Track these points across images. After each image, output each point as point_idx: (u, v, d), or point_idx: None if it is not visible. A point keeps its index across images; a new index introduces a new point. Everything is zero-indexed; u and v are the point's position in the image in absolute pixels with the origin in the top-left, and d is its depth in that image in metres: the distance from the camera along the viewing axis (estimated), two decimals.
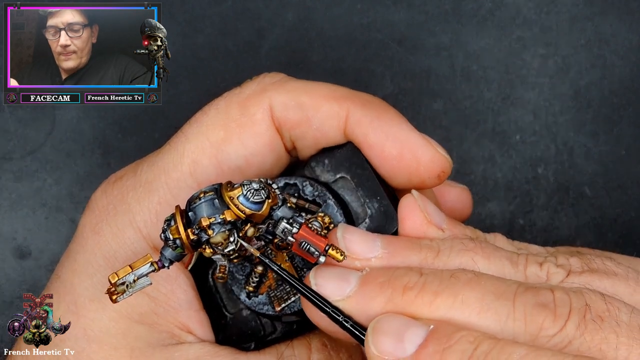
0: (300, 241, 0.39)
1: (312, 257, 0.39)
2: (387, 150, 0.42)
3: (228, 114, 0.43)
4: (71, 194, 0.60)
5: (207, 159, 0.42)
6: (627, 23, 0.61)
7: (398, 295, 0.36)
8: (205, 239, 0.38)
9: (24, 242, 0.60)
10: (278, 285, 0.42)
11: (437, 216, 0.41)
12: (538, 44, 0.61)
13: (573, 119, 0.61)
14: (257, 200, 0.38)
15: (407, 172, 0.42)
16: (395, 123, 0.42)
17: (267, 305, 0.42)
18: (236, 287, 0.43)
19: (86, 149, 0.61)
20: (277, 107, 0.43)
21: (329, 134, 0.43)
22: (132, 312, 0.42)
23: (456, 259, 0.39)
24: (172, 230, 0.38)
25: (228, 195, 0.38)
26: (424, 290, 0.36)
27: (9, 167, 0.60)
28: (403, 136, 0.42)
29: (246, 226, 0.39)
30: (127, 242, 0.42)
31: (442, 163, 0.43)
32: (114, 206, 0.43)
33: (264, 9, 0.62)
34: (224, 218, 0.38)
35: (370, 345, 0.35)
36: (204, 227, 0.38)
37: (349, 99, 0.43)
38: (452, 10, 0.62)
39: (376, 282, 0.37)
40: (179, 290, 0.43)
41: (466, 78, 0.61)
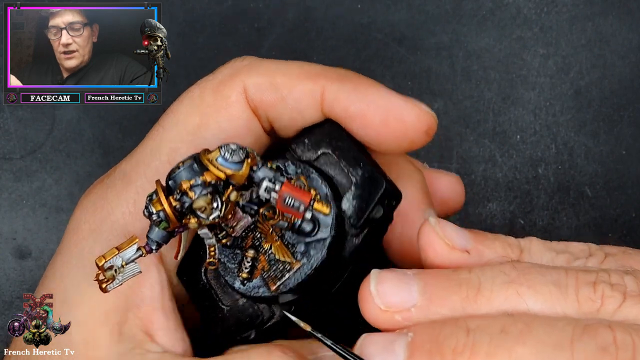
0: (284, 196, 0.38)
1: (298, 213, 0.38)
2: (370, 119, 0.41)
3: (203, 99, 0.42)
4: (71, 194, 0.60)
5: (185, 146, 0.42)
6: (628, 23, 0.61)
7: (448, 357, 0.35)
8: (188, 205, 0.37)
9: (24, 242, 0.60)
10: (271, 265, 0.41)
11: (459, 238, 0.39)
12: (538, 44, 0.61)
13: (573, 118, 0.61)
14: (235, 160, 0.38)
15: (394, 136, 0.42)
16: (374, 90, 0.42)
17: (262, 287, 0.41)
18: (229, 276, 0.42)
19: (86, 149, 0.61)
20: (250, 88, 0.42)
21: (305, 112, 0.42)
22: (97, 314, 0.41)
23: (500, 295, 0.37)
24: (154, 203, 0.37)
25: (206, 158, 0.38)
26: (474, 352, 0.35)
27: (9, 167, 0.60)
28: (384, 101, 0.41)
29: (228, 190, 0.38)
30: (102, 236, 0.42)
31: (427, 119, 0.42)
32: (93, 203, 0.42)
33: (264, 9, 0.62)
34: (204, 180, 0.37)
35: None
36: (185, 190, 0.37)
37: (322, 76, 0.42)
38: (452, 10, 0.62)
39: (423, 350, 0.36)
40: (146, 285, 0.42)
41: (466, 78, 0.61)
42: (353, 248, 0.41)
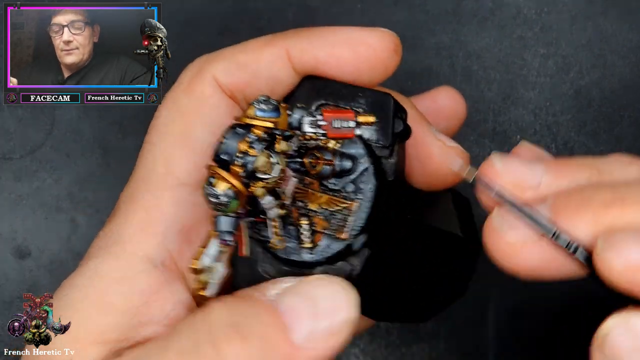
0: (332, 121, 0.38)
1: (350, 131, 0.38)
2: (341, 58, 0.42)
3: (178, 105, 0.42)
4: (71, 194, 0.60)
5: (178, 151, 0.42)
6: (628, 23, 0.61)
7: (601, 214, 0.33)
8: (251, 169, 0.36)
9: (23, 242, 0.60)
10: (330, 220, 0.40)
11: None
12: (538, 44, 0.61)
13: (573, 119, 0.61)
14: (271, 108, 0.37)
15: (369, 65, 0.42)
16: (331, 33, 0.42)
17: (332, 244, 0.40)
18: (294, 255, 0.40)
19: (86, 149, 0.61)
20: (220, 76, 0.42)
21: (280, 77, 0.42)
22: (94, 334, 0.39)
23: (623, 172, 0.36)
24: (216, 185, 0.36)
25: (245, 117, 0.37)
26: (626, 202, 0.33)
27: (9, 167, 0.60)
28: (345, 37, 0.42)
29: (277, 143, 0.37)
30: (111, 257, 0.41)
31: (391, 37, 0.42)
32: (105, 232, 0.42)
33: (264, 8, 0.62)
34: (256, 134, 0.36)
35: (611, 259, 0.32)
36: (245, 150, 0.36)
37: (280, 38, 0.42)
38: (453, 10, 0.62)
39: (569, 207, 0.34)
40: (156, 304, 0.40)
41: (466, 78, 0.61)
42: (393, 167, 0.41)
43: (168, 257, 0.41)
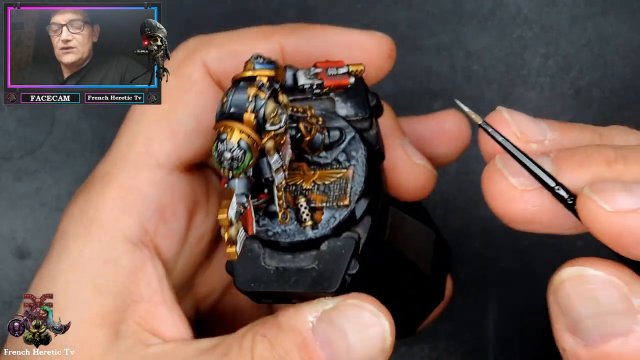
0: (326, 69, 0.38)
1: (345, 79, 0.38)
2: (335, 53, 0.42)
3: (165, 85, 0.42)
4: (71, 194, 0.60)
5: (159, 133, 0.42)
6: (628, 23, 0.61)
7: (603, 169, 0.33)
8: (262, 115, 0.35)
9: (23, 242, 0.60)
10: (328, 192, 0.40)
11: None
12: (539, 44, 0.61)
13: (574, 118, 0.61)
14: (269, 61, 0.37)
15: (365, 59, 0.42)
16: (330, 31, 0.43)
17: (333, 214, 0.39)
18: (299, 235, 0.39)
19: (86, 149, 0.61)
20: (211, 63, 0.42)
21: None
22: (93, 315, 0.40)
23: (622, 140, 0.36)
24: (229, 140, 0.34)
25: (246, 72, 0.37)
26: (628, 160, 0.33)
27: (8, 167, 0.60)
28: (344, 37, 0.42)
29: (280, 94, 0.37)
30: (92, 238, 0.41)
31: (388, 43, 0.43)
32: (79, 208, 0.42)
33: (264, 8, 0.62)
34: (260, 81, 0.36)
35: (599, 202, 0.32)
36: (256, 93, 0.35)
37: (276, 32, 0.43)
38: (453, 9, 0.62)
39: (573, 160, 0.34)
40: (142, 282, 0.41)
41: (467, 78, 0.61)
42: (375, 138, 0.41)
43: (145, 235, 0.42)
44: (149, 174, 0.42)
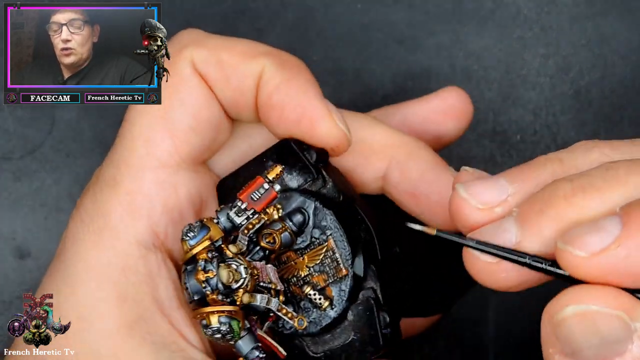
0: (249, 198, 0.40)
1: (271, 194, 0.40)
2: (286, 113, 0.41)
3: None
4: (71, 194, 0.60)
5: (158, 133, 0.42)
6: (628, 23, 0.61)
7: (564, 208, 0.33)
8: (222, 288, 0.37)
9: (23, 242, 0.60)
10: (325, 270, 0.41)
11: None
12: (538, 44, 0.61)
13: (573, 118, 0.61)
14: (198, 228, 0.39)
15: (302, 137, 0.42)
16: (302, 87, 0.41)
17: (341, 285, 0.40)
18: (325, 319, 0.41)
19: (86, 149, 0.61)
20: (198, 63, 0.42)
21: (247, 94, 0.42)
22: (120, 325, 0.40)
23: (586, 159, 0.36)
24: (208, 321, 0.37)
25: (185, 256, 0.38)
26: (587, 191, 0.33)
27: (8, 167, 0.60)
28: (304, 102, 0.41)
29: (225, 250, 0.38)
30: (106, 245, 0.41)
31: (338, 136, 0.41)
32: (87, 213, 0.42)
33: (264, 8, 0.62)
34: (203, 258, 0.38)
35: (573, 252, 0.32)
36: (205, 278, 0.37)
37: (266, 56, 0.42)
38: (453, 10, 0.62)
39: (533, 211, 0.34)
40: (161, 287, 0.41)
41: (467, 78, 0.61)
42: (335, 189, 0.42)
43: (156, 239, 0.42)
44: (153, 176, 0.42)
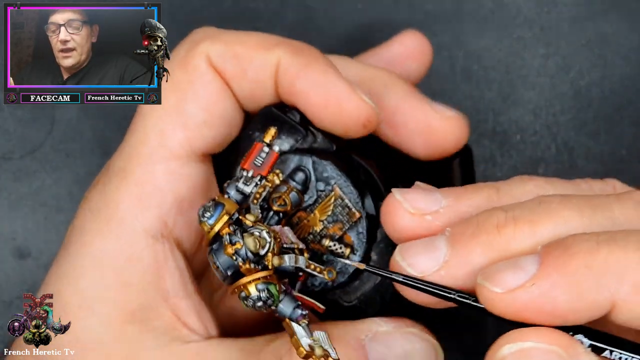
0: (252, 164, 0.40)
1: (272, 156, 0.40)
2: (312, 98, 0.41)
3: (173, 77, 0.43)
4: (71, 194, 0.60)
5: (171, 125, 0.42)
6: (628, 23, 0.61)
7: (494, 237, 0.34)
8: (252, 255, 0.38)
9: (23, 242, 0.60)
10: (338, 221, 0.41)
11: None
12: (539, 44, 0.61)
13: (573, 118, 0.61)
14: (212, 206, 0.39)
15: (331, 120, 0.42)
16: (322, 71, 0.42)
17: (357, 230, 0.41)
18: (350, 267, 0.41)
19: (86, 149, 0.61)
20: (214, 58, 0.42)
21: (264, 85, 0.42)
22: (123, 312, 0.41)
23: (522, 189, 0.37)
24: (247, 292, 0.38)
25: (207, 235, 0.39)
26: (518, 223, 0.34)
27: (8, 167, 0.60)
28: (329, 84, 0.41)
29: (244, 220, 0.39)
30: (112, 234, 0.41)
31: (366, 112, 0.41)
32: (95, 204, 0.42)
33: (264, 9, 0.62)
34: (227, 232, 0.38)
35: (490, 288, 0.33)
36: (234, 250, 0.38)
37: (280, 46, 0.42)
38: (452, 10, 0.62)
39: (466, 234, 0.35)
40: (167, 277, 0.42)
41: (466, 78, 0.61)
42: (326, 141, 0.42)
43: (165, 228, 0.42)
44: (164, 167, 0.42)
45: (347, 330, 0.41)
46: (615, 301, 0.32)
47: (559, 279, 0.32)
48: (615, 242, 0.32)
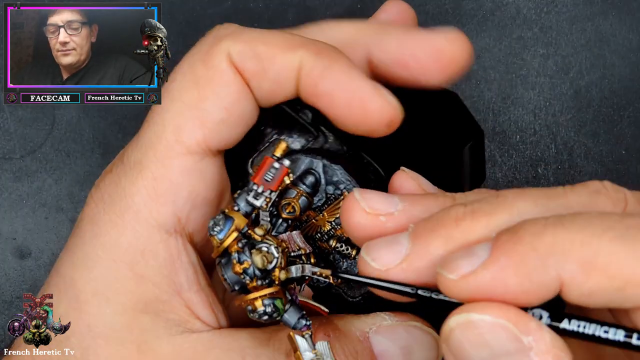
0: (263, 179, 0.40)
1: (282, 171, 0.40)
2: (336, 99, 0.41)
3: (194, 73, 0.42)
4: (71, 194, 0.60)
5: (189, 122, 0.42)
6: (628, 23, 0.61)
7: (453, 229, 0.35)
8: (259, 273, 0.38)
9: (24, 242, 0.60)
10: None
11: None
12: (538, 44, 0.61)
13: (573, 118, 0.61)
14: (222, 219, 0.39)
15: (355, 121, 0.42)
16: (345, 71, 0.41)
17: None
18: (354, 266, 0.42)
19: (86, 149, 0.61)
20: (235, 56, 0.42)
21: (284, 84, 0.42)
22: (136, 303, 0.41)
23: (478, 195, 0.38)
24: (254, 307, 0.38)
25: (216, 249, 0.39)
26: (475, 215, 0.35)
27: (9, 167, 0.60)
28: (352, 85, 0.41)
29: (253, 235, 0.39)
30: (127, 227, 0.42)
31: (390, 112, 0.41)
32: (109, 195, 0.42)
33: (264, 9, 0.62)
34: (236, 250, 0.38)
35: (446, 275, 0.34)
36: (242, 269, 0.38)
37: (303, 47, 0.42)
38: (452, 10, 0.62)
39: (426, 229, 0.36)
40: (180, 272, 0.42)
41: (466, 78, 0.61)
42: (337, 142, 0.43)
43: (178, 224, 0.42)
44: (180, 162, 0.42)
45: (353, 323, 0.42)
46: (563, 280, 0.32)
47: (507, 262, 0.32)
48: (562, 224, 0.33)
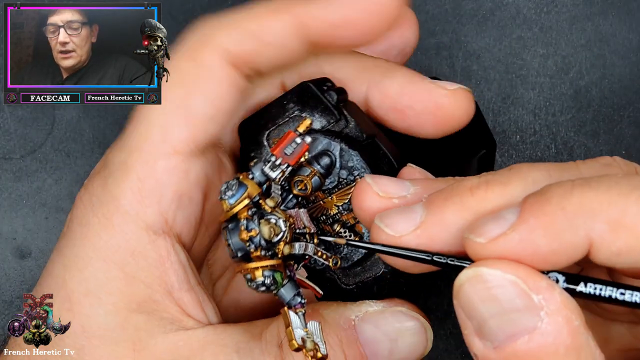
0: (282, 152, 0.40)
1: (302, 147, 0.40)
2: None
3: (180, 70, 0.42)
4: (71, 194, 0.60)
5: (175, 120, 0.42)
6: (627, 23, 0.61)
7: (468, 197, 0.35)
8: (265, 243, 0.38)
9: (24, 242, 0.60)
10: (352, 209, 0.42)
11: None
12: (538, 44, 0.61)
13: (573, 118, 0.61)
14: (236, 186, 0.39)
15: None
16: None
17: None
18: (355, 253, 0.42)
19: (86, 149, 0.61)
20: (232, 46, 0.42)
21: (290, 46, 0.42)
22: (129, 303, 0.41)
23: None
24: (253, 276, 0.38)
25: (225, 214, 0.39)
26: (490, 185, 0.36)
27: (9, 167, 0.60)
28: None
29: (263, 205, 0.39)
30: (116, 229, 0.42)
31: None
32: (97, 197, 0.42)
33: None
34: (245, 217, 0.38)
35: (474, 239, 0.34)
36: (248, 237, 0.38)
37: (291, 5, 0.41)
38: (452, 10, 0.62)
39: (440, 197, 0.36)
40: (171, 271, 0.42)
41: (466, 78, 0.61)
42: (358, 129, 0.43)
43: (164, 223, 0.42)
44: (166, 163, 0.42)
45: (339, 312, 0.42)
46: (592, 240, 0.33)
47: (536, 223, 0.33)
48: (589, 185, 0.33)
